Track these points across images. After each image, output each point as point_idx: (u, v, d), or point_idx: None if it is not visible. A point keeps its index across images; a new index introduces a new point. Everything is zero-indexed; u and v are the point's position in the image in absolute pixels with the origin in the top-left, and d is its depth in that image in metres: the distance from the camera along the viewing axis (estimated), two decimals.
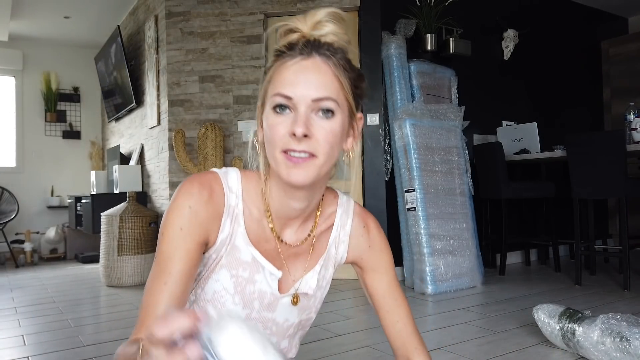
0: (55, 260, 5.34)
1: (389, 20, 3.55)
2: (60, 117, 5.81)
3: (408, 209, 3.21)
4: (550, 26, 4.62)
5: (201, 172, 0.84)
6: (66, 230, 5.43)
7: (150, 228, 3.74)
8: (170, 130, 3.73)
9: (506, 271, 3.66)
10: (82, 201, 4.75)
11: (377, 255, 0.94)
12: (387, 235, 1.00)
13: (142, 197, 4.21)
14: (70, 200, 5.25)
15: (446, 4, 3.57)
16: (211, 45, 3.72)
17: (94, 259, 4.85)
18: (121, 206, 3.75)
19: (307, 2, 3.54)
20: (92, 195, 4.40)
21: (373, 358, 1.93)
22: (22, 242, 5.20)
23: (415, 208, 3.15)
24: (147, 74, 4.19)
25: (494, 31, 4.17)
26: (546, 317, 1.97)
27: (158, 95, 3.95)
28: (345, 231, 0.93)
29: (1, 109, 5.64)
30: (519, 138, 3.81)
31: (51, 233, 5.32)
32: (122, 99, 4.79)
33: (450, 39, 3.62)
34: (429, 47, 3.59)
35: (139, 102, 4.47)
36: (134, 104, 4.47)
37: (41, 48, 5.75)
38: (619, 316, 1.77)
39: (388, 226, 3.40)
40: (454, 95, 3.73)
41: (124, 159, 4.79)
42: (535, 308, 2.05)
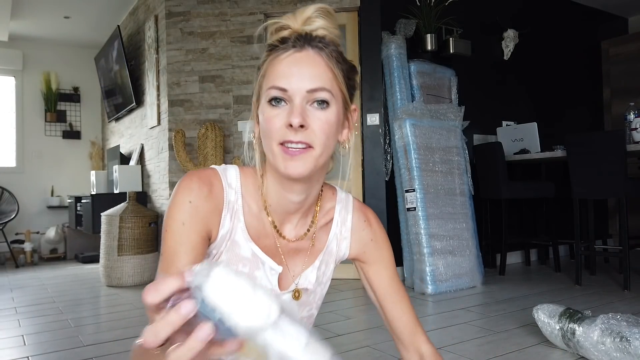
0: (55, 260, 5.34)
1: (389, 20, 3.55)
2: (60, 117, 5.81)
3: (408, 209, 3.21)
4: (550, 26, 4.62)
5: (200, 168, 0.84)
6: (66, 230, 5.43)
7: (150, 228, 3.73)
8: (170, 130, 3.73)
9: (506, 271, 3.66)
10: (82, 201, 4.75)
11: (379, 248, 0.95)
12: (387, 236, 1.00)
13: (142, 197, 4.21)
14: (70, 200, 5.25)
15: (446, 4, 3.57)
16: (211, 45, 3.72)
17: (94, 259, 4.85)
18: (121, 206, 3.75)
19: (307, 2, 3.54)
20: (92, 195, 4.40)
21: (373, 358, 1.93)
22: (22, 242, 5.20)
23: (415, 208, 3.15)
24: (147, 74, 4.19)
25: (494, 31, 4.17)
26: (546, 317, 1.97)
27: (158, 95, 3.95)
28: (346, 227, 0.93)
29: (1, 109, 5.64)
30: (519, 138, 3.81)
31: (51, 233, 5.32)
32: (122, 99, 4.79)
33: (450, 39, 3.62)
34: (429, 47, 3.59)
35: (139, 102, 4.47)
36: (134, 104, 4.47)
37: (41, 48, 5.75)
38: (619, 316, 1.77)
39: (388, 226, 3.40)
40: (454, 95, 3.73)
41: (124, 159, 4.79)
42: (535, 308, 2.05)
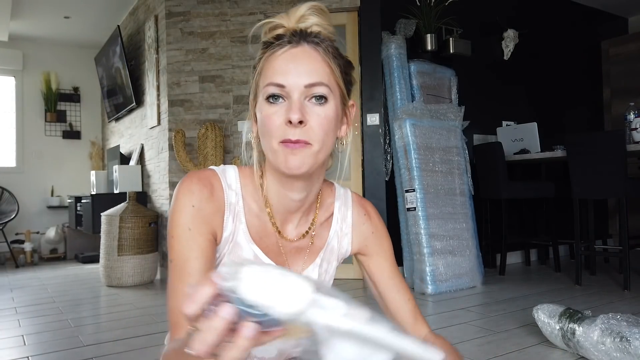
0: (55, 260, 5.34)
1: (389, 20, 3.55)
2: (60, 117, 5.81)
3: (408, 209, 3.21)
4: (550, 26, 4.62)
5: (198, 170, 0.83)
6: (66, 230, 5.43)
7: (150, 228, 3.74)
8: (170, 130, 3.73)
9: (506, 271, 3.66)
10: (82, 201, 4.75)
11: (380, 239, 0.95)
12: (386, 227, 1.00)
13: (142, 197, 4.21)
14: (70, 200, 5.25)
15: (446, 4, 3.57)
16: (211, 45, 3.72)
17: (94, 259, 4.85)
18: (121, 206, 3.75)
19: (307, 2, 3.54)
20: (92, 195, 4.40)
21: None
22: (22, 242, 5.20)
23: (415, 208, 3.15)
24: (147, 74, 4.19)
25: (494, 31, 4.17)
26: (546, 317, 1.97)
27: (158, 95, 3.95)
28: (346, 223, 0.92)
29: (1, 109, 5.64)
30: (519, 138, 3.81)
31: (51, 233, 5.32)
32: (122, 99, 4.79)
33: (450, 39, 3.62)
34: (429, 47, 3.59)
35: (139, 102, 4.47)
36: (134, 104, 4.47)
37: (41, 48, 5.75)
38: (619, 316, 1.77)
39: (388, 226, 3.36)
40: (454, 95, 3.73)
41: (124, 159, 4.79)
42: (535, 308, 2.05)
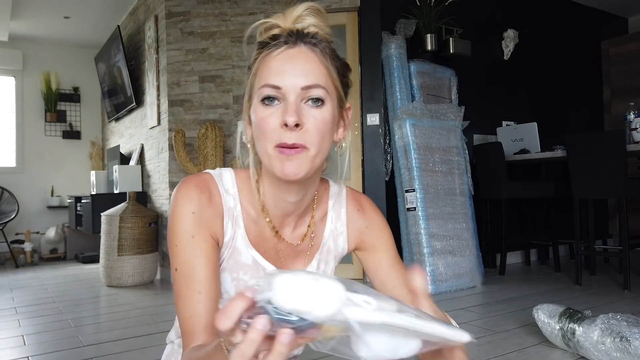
0: (55, 260, 5.34)
1: (389, 20, 3.55)
2: (60, 117, 5.81)
3: (408, 209, 3.21)
4: (550, 26, 4.62)
5: (194, 174, 0.83)
6: (66, 230, 5.43)
7: (150, 228, 3.74)
8: (170, 130, 3.73)
9: (506, 271, 3.66)
10: (82, 201, 4.75)
11: (376, 233, 0.92)
12: (385, 219, 0.97)
13: (142, 197, 4.21)
14: (70, 200, 5.25)
15: (446, 4, 3.57)
16: (211, 45, 3.72)
17: (94, 259, 4.85)
18: (121, 206, 3.75)
19: (307, 2, 3.54)
20: (92, 195, 4.40)
21: None
22: (22, 242, 5.20)
23: (415, 208, 3.15)
24: (147, 74, 4.19)
25: (494, 31, 4.17)
26: (546, 317, 1.96)
27: (158, 95, 3.95)
28: (341, 222, 0.91)
29: (1, 109, 5.64)
30: (519, 138, 3.81)
31: (51, 233, 5.32)
32: (122, 99, 4.79)
33: (450, 39, 3.62)
34: (429, 47, 3.59)
35: (139, 102, 4.47)
36: (134, 104, 4.47)
37: (41, 48, 5.75)
38: (619, 316, 1.77)
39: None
40: (454, 95, 3.73)
41: (124, 159, 4.79)
42: (535, 308, 2.05)
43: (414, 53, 3.58)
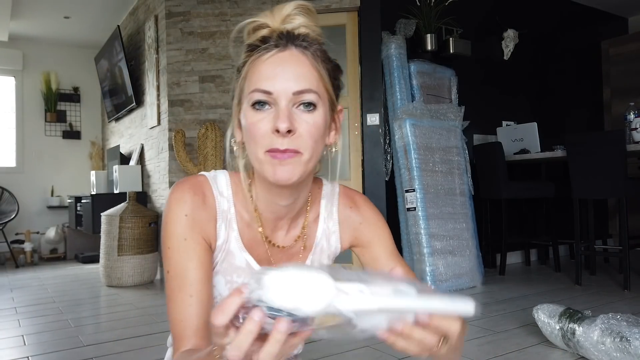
0: (55, 260, 5.34)
1: (389, 20, 3.55)
2: (60, 117, 5.81)
3: (408, 209, 3.21)
4: (550, 26, 4.62)
5: (189, 176, 0.82)
6: (66, 230, 5.43)
7: (150, 228, 3.74)
8: (170, 130, 3.73)
9: (506, 271, 3.66)
10: (82, 201, 4.75)
11: (371, 228, 0.90)
12: (381, 215, 0.96)
13: (142, 197, 4.21)
14: (70, 200, 5.25)
15: (446, 4, 3.57)
16: (211, 45, 3.72)
17: (94, 259, 4.84)
18: (121, 206, 3.75)
19: (306, 1, 3.54)
20: (92, 195, 4.40)
21: (373, 358, 1.93)
22: (22, 242, 5.20)
23: (415, 208, 3.15)
24: (147, 74, 4.19)
25: (494, 31, 4.17)
26: (546, 317, 1.97)
27: (158, 95, 3.95)
28: (333, 220, 0.89)
29: (1, 109, 5.64)
30: (519, 138, 3.81)
31: (51, 233, 5.32)
32: (122, 99, 4.79)
33: (450, 39, 3.62)
34: (429, 47, 3.59)
35: (139, 102, 4.47)
36: (134, 104, 4.47)
37: (41, 48, 5.75)
38: (619, 316, 1.77)
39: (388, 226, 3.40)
40: (454, 95, 3.73)
41: (124, 159, 4.79)
42: (535, 308, 2.05)
43: (414, 53, 3.58)
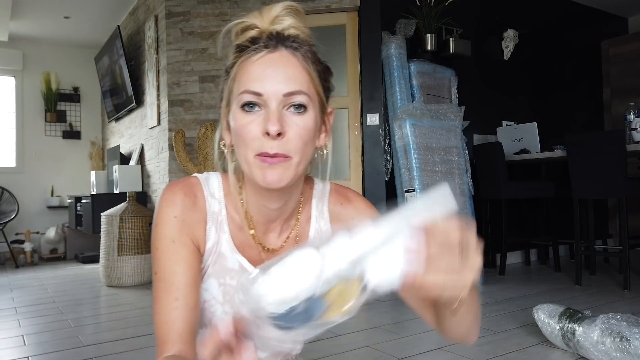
0: (55, 260, 5.34)
1: (389, 20, 3.55)
2: (60, 117, 5.81)
3: None
4: (550, 26, 4.62)
5: (181, 178, 0.81)
6: (66, 230, 5.43)
7: (150, 228, 3.73)
8: (170, 130, 3.73)
9: (506, 271, 3.65)
10: (82, 201, 4.75)
11: (366, 220, 0.89)
12: (375, 209, 0.95)
13: (142, 197, 4.21)
14: (70, 200, 5.25)
15: (446, 4, 3.57)
16: (211, 45, 3.72)
17: (94, 259, 4.84)
18: (121, 206, 3.75)
19: (307, 2, 3.54)
20: (92, 195, 4.40)
21: (373, 358, 1.93)
22: (22, 242, 5.20)
23: None
24: (147, 74, 4.19)
25: (494, 31, 4.17)
26: (546, 317, 1.97)
27: (158, 95, 3.95)
28: (324, 219, 0.87)
29: (1, 109, 5.64)
30: (519, 138, 3.81)
31: (51, 233, 5.32)
32: (122, 99, 4.79)
33: (450, 39, 3.62)
34: (429, 47, 3.59)
35: (139, 102, 4.47)
36: (134, 104, 4.47)
37: (41, 48, 5.74)
38: (619, 316, 1.77)
39: None
40: (454, 95, 3.73)
41: (124, 159, 4.79)
42: (535, 308, 2.05)
43: (414, 53, 3.58)
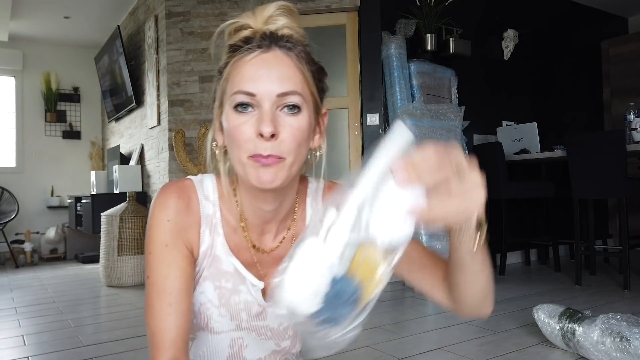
0: (55, 260, 5.34)
1: (389, 20, 3.55)
2: (60, 117, 5.81)
3: None
4: (550, 26, 4.62)
5: (175, 180, 0.81)
6: (66, 230, 5.43)
7: None
8: (170, 130, 3.73)
9: (506, 271, 3.65)
10: (82, 201, 4.75)
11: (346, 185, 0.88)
12: None
13: (142, 197, 4.20)
14: (70, 201, 5.25)
15: (446, 4, 3.57)
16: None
17: (94, 259, 4.84)
18: (121, 206, 3.75)
19: (307, 2, 3.54)
20: (92, 196, 4.40)
21: (373, 358, 1.93)
22: (22, 242, 5.20)
23: None
24: (147, 74, 4.19)
25: (494, 31, 4.17)
26: (546, 317, 1.97)
27: (158, 95, 3.95)
28: None
29: (1, 109, 5.64)
30: (519, 138, 3.81)
31: (51, 233, 5.32)
32: (122, 99, 4.79)
33: (450, 39, 3.62)
34: (429, 47, 3.59)
35: (139, 102, 4.47)
36: (134, 104, 4.47)
37: (41, 48, 5.74)
38: (619, 316, 1.77)
39: None
40: (454, 95, 3.73)
41: (124, 159, 4.79)
42: (535, 308, 2.05)
43: (414, 53, 3.58)
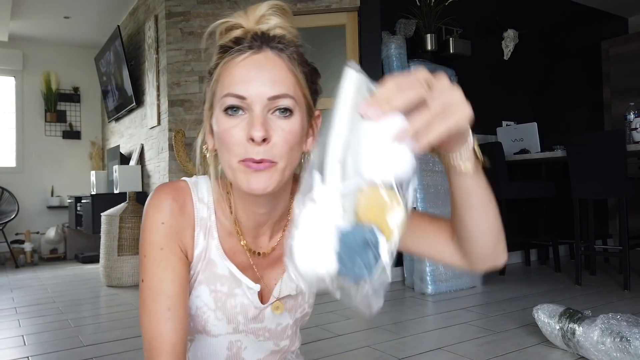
0: (55, 260, 5.34)
1: (389, 20, 3.55)
2: (60, 117, 5.81)
3: None
4: (550, 26, 4.62)
5: (169, 182, 0.79)
6: (66, 230, 5.43)
7: None
8: (170, 130, 3.73)
9: (506, 271, 3.65)
10: (82, 201, 4.75)
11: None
12: None
13: (142, 197, 4.20)
14: (70, 201, 5.25)
15: (446, 4, 3.57)
16: (211, 45, 3.71)
17: (94, 259, 4.84)
18: (121, 206, 3.75)
19: (306, 2, 3.54)
20: (92, 196, 4.41)
21: (373, 358, 1.93)
22: (22, 242, 5.20)
23: (415, 208, 3.15)
24: (147, 74, 4.19)
25: (494, 31, 4.17)
26: (546, 317, 1.97)
27: (158, 95, 3.95)
28: None
29: (1, 109, 5.64)
30: (519, 138, 3.81)
31: (51, 233, 5.32)
32: (122, 99, 4.79)
33: (450, 39, 3.62)
34: (429, 47, 3.59)
35: (139, 102, 4.47)
36: (134, 104, 4.47)
37: (41, 48, 5.75)
38: (619, 316, 1.77)
39: None
40: None
41: (124, 159, 4.79)
42: (535, 308, 2.05)
43: (414, 53, 3.59)
